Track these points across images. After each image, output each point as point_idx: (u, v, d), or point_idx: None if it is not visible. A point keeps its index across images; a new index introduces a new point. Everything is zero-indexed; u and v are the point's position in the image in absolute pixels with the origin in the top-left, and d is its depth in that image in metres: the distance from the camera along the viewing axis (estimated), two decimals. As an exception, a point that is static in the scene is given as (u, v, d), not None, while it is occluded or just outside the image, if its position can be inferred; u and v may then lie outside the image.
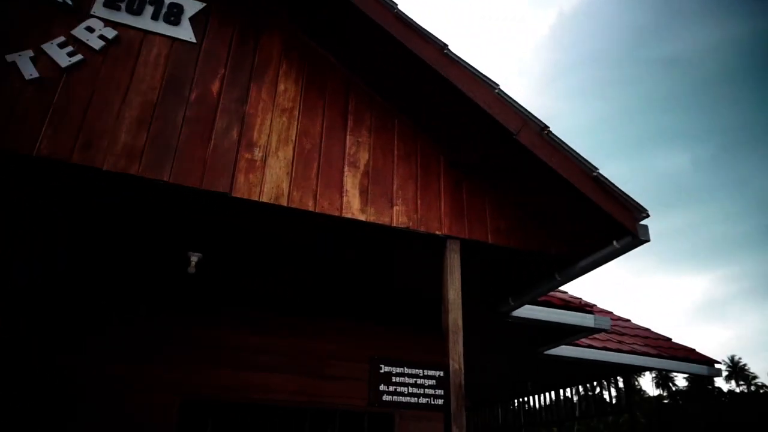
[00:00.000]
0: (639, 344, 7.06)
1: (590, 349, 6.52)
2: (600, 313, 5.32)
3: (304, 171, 3.34)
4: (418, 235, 3.53)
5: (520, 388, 9.35)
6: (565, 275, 3.99)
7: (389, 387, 5.46)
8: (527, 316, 4.82)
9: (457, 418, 3.07)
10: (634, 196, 3.48)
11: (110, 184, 3.29)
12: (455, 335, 3.28)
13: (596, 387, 8.35)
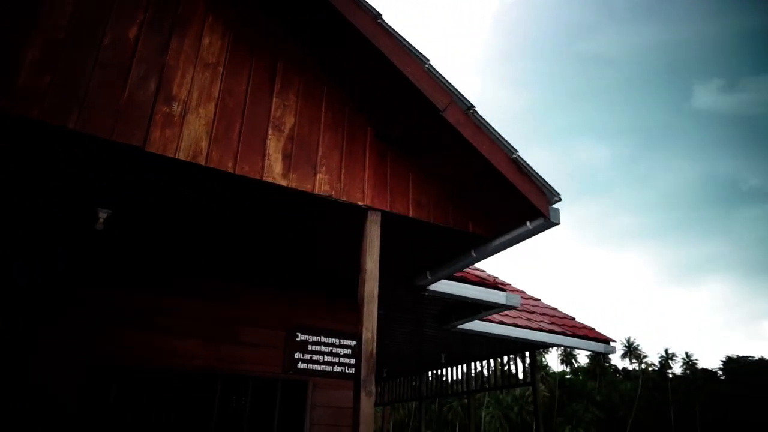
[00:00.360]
0: (546, 322, 7.50)
1: (501, 325, 6.86)
2: (512, 292, 5.58)
3: (226, 131, 3.22)
4: (340, 204, 3.52)
5: (434, 360, 9.69)
6: (481, 252, 4.13)
7: (305, 355, 5.51)
8: (443, 291, 4.98)
9: (366, 384, 3.13)
10: (552, 183, 3.65)
11: (9, 130, 3.02)
12: (370, 305, 3.32)
13: (506, 361, 8.82)
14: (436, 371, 10.52)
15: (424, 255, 4.52)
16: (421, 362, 10.22)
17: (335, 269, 5.08)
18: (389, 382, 12.21)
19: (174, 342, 4.84)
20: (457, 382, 9.85)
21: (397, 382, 11.97)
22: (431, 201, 3.84)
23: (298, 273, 5.35)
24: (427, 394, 10.93)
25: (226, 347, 5.05)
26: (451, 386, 10.08)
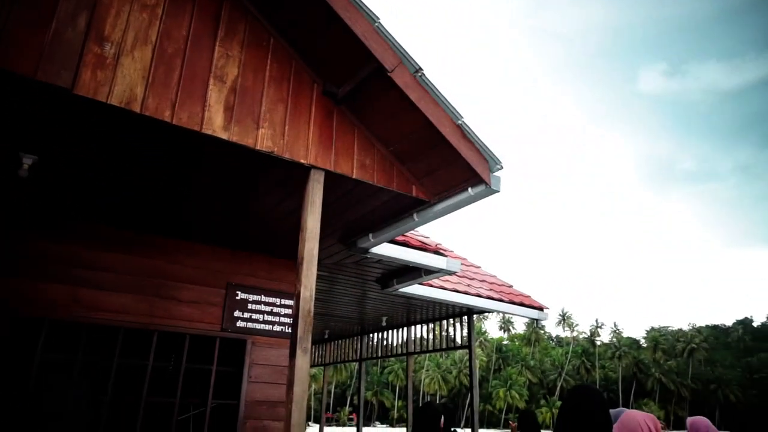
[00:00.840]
0: (485, 289, 7.75)
1: (442, 290, 7.04)
2: (453, 258, 5.70)
3: (164, 78, 3.06)
4: (283, 161, 3.45)
5: (376, 323, 9.87)
6: (423, 217, 4.19)
7: (244, 314, 5.47)
8: (385, 254, 5.03)
9: (302, 341, 3.15)
10: (499, 156, 3.71)
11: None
12: (309, 263, 3.32)
13: (445, 325, 9.10)
14: (377, 333, 10.73)
15: (367, 217, 4.53)
16: (363, 324, 10.39)
17: (277, 228, 5.03)
18: (331, 344, 12.38)
19: (106, 296, 4.70)
20: (397, 344, 10.09)
21: (339, 344, 12.15)
22: (376, 163, 3.83)
23: (238, 231, 5.27)
24: (367, 356, 11.16)
25: (161, 303, 4.94)
26: (391, 348, 10.32)
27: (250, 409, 5.18)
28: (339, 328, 11.11)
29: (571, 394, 2.40)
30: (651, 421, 3.16)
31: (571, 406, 2.33)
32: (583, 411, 2.28)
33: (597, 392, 2.40)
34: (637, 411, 3.25)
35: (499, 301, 7.60)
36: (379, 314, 9.04)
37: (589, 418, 2.25)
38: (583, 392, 2.39)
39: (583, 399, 2.34)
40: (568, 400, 2.38)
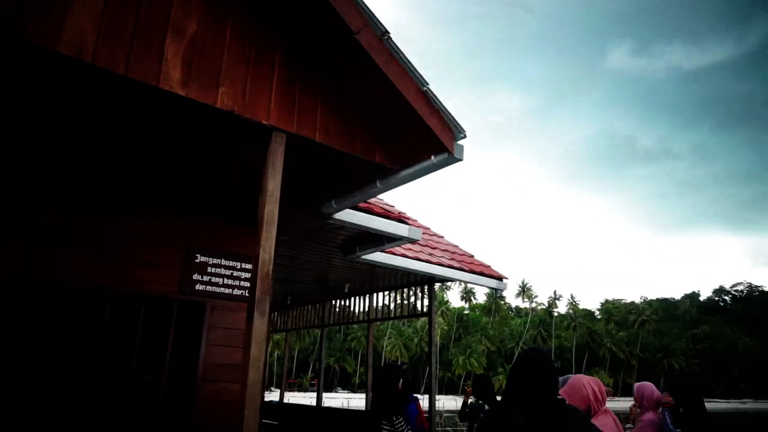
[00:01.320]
0: (446, 258, 7.85)
1: (404, 258, 7.10)
2: (416, 227, 5.74)
3: (118, 27, 2.91)
4: (244, 122, 3.37)
5: (338, 290, 9.93)
6: (386, 183, 4.18)
7: (204, 277, 5.41)
8: (348, 220, 5.02)
9: (260, 304, 3.14)
10: (466, 128, 3.71)
11: None
12: (269, 226, 3.28)
13: (406, 293, 9.22)
14: (340, 300, 10.81)
15: (330, 183, 4.50)
16: (325, 291, 10.44)
17: (239, 192, 4.95)
18: (294, 310, 12.41)
19: (59, 256, 4.55)
20: (359, 311, 10.20)
21: (301, 310, 12.20)
22: (339, 127, 3.78)
23: (198, 193, 5.16)
24: (330, 322, 11.26)
25: (117, 264, 4.83)
26: (353, 315, 10.43)
27: (208, 371, 5.17)
28: (302, 295, 11.13)
29: (521, 357, 2.48)
30: (595, 383, 3.32)
31: (520, 367, 2.41)
32: (531, 371, 2.36)
33: (544, 354, 2.48)
34: (583, 375, 3.40)
35: (460, 270, 7.73)
36: (342, 281, 9.08)
37: (537, 379, 2.33)
38: (531, 354, 2.47)
39: (531, 360, 2.42)
40: (517, 362, 2.46)
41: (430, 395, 8.19)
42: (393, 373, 4.60)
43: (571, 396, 3.26)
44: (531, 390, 2.30)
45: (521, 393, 2.32)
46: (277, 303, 11.94)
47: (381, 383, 4.45)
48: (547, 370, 2.34)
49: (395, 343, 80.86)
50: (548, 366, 2.37)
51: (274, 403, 12.85)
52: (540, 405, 2.25)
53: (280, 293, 10.74)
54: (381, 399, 4.38)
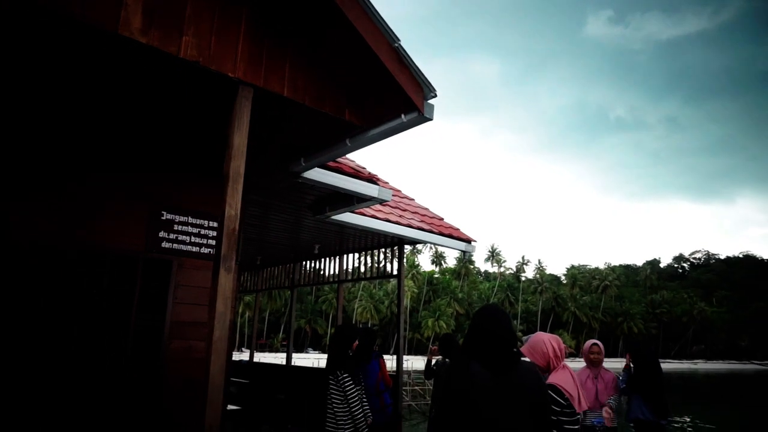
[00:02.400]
0: (416, 220, 7.91)
1: (374, 220, 7.12)
2: (385, 187, 5.74)
3: (72, -32, 2.76)
4: (209, 74, 3.27)
5: (308, 251, 9.94)
6: (356, 142, 4.15)
7: (170, 234, 5.33)
8: (318, 179, 4.98)
9: (226, 260, 3.12)
10: (441, 95, 3.68)
11: None
12: (235, 182, 3.24)
13: (376, 255, 9.29)
14: (310, 261, 10.83)
15: (299, 141, 4.44)
16: (295, 252, 10.44)
17: (206, 150, 4.84)
18: (264, 271, 12.40)
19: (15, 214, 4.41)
20: (329, 272, 10.25)
21: (272, 271, 12.19)
22: (308, 83, 3.70)
23: (165, 150, 5.03)
24: (300, 283, 11.30)
25: (79, 222, 4.71)
26: (324, 276, 10.49)
27: (175, 329, 5.16)
28: (272, 255, 11.10)
29: (479, 313, 2.56)
30: (555, 341, 3.46)
31: (478, 322, 2.49)
32: (488, 325, 2.45)
33: (500, 310, 2.57)
34: (543, 333, 3.53)
35: (430, 233, 7.81)
36: (312, 242, 9.08)
37: (494, 332, 2.42)
38: (488, 310, 2.56)
39: (488, 315, 2.51)
40: (475, 318, 2.54)
41: (397, 355, 8.35)
42: (347, 332, 4.76)
43: (532, 352, 3.40)
44: (489, 342, 2.39)
45: (480, 346, 2.41)
46: (247, 263, 11.90)
47: (333, 340, 4.68)
48: (503, 324, 2.44)
49: (366, 306, 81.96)
50: (504, 320, 2.46)
51: (244, 362, 12.96)
52: (497, 356, 2.35)
53: (250, 254, 10.70)
54: (331, 355, 4.57)
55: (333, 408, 4.38)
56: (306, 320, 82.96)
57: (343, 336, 4.60)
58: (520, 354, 2.44)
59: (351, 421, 4.29)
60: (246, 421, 8.88)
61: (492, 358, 2.36)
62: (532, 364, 2.50)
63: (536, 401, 2.34)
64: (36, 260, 4.48)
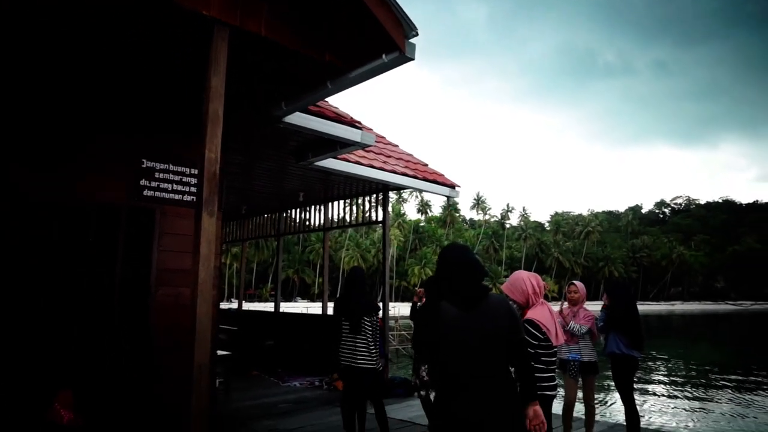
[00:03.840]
0: (400, 166, 7.90)
1: (358, 166, 7.10)
2: (368, 131, 5.67)
3: None
4: (182, 12, 3.14)
5: (293, 199, 9.92)
6: (337, 84, 4.07)
7: (152, 182, 5.25)
8: (300, 124, 4.92)
9: (208, 203, 3.11)
10: (425, 38, 3.58)
11: None
12: (214, 125, 3.18)
13: (361, 201, 9.31)
14: (295, 210, 10.84)
15: (279, 84, 4.35)
16: (281, 201, 10.42)
17: (185, 96, 4.72)
18: (250, 220, 12.40)
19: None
20: (315, 220, 10.29)
21: (257, 220, 12.20)
22: (287, 24, 3.58)
23: (142, 96, 4.90)
24: (286, 231, 11.35)
25: (60, 172, 4.62)
26: (309, 224, 10.53)
27: (161, 277, 5.19)
28: (257, 205, 11.08)
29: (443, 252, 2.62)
30: (534, 278, 3.56)
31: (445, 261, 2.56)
32: (454, 262, 2.52)
33: (464, 247, 2.65)
34: (523, 271, 3.62)
35: (414, 178, 7.82)
36: (297, 190, 9.05)
37: (460, 268, 2.50)
38: (453, 248, 2.63)
39: (453, 253, 2.58)
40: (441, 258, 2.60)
41: (383, 301, 8.52)
42: (362, 272, 5.29)
43: (512, 290, 3.50)
44: (453, 281, 2.47)
45: (445, 285, 2.49)
46: (232, 213, 11.88)
47: (360, 281, 5.06)
48: (466, 259, 2.51)
49: (353, 255, 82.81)
50: (467, 256, 2.53)
51: (233, 311, 13.17)
52: (462, 293, 2.44)
53: (235, 203, 10.66)
54: (361, 295, 4.96)
55: (368, 345, 4.81)
56: (294, 270, 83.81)
57: (364, 276, 5.17)
58: (487, 289, 2.52)
59: (378, 355, 4.95)
60: (236, 366, 9.10)
61: (458, 296, 2.45)
62: (502, 297, 2.58)
63: (503, 326, 2.43)
64: (18, 215, 4.42)
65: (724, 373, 17.79)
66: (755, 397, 13.48)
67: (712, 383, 15.68)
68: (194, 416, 2.82)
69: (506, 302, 2.54)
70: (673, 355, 23.33)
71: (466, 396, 2.35)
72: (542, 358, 3.31)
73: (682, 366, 19.71)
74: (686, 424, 10.37)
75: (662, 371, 18.18)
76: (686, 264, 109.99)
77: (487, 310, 2.43)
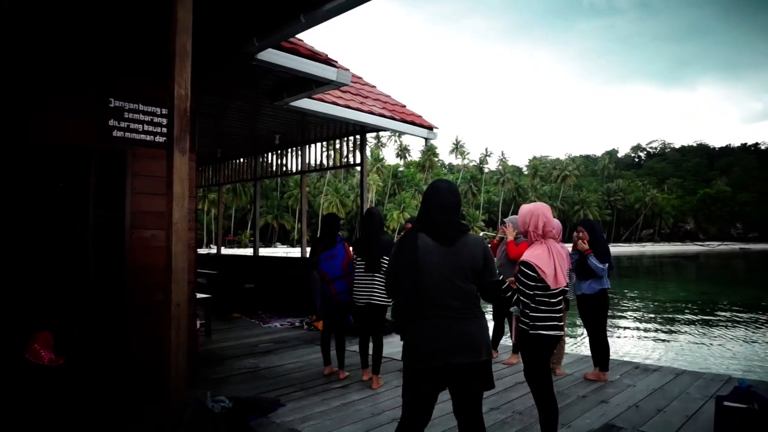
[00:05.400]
0: (378, 107, 7.77)
1: (335, 106, 6.97)
2: (344, 70, 5.52)
3: None
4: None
5: (269, 142, 9.76)
6: (310, 18, 3.93)
7: (121, 123, 5.05)
8: (273, 61, 4.76)
9: (179, 141, 3.05)
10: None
11: None
12: (182, 60, 3.06)
13: (338, 144, 9.20)
14: (272, 153, 10.69)
15: (250, 18, 4.16)
16: (256, 144, 10.25)
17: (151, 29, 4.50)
18: (226, 164, 12.22)
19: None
20: (292, 164, 10.17)
21: (234, 164, 12.03)
22: (255, -52, 3.40)
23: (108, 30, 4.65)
24: (262, 175, 11.22)
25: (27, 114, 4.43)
26: (287, 168, 10.41)
27: (136, 220, 5.12)
28: (233, 148, 10.89)
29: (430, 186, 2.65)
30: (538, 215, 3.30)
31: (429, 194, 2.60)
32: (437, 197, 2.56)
33: (449, 183, 2.68)
34: (543, 204, 3.46)
35: (391, 119, 7.72)
36: (273, 132, 8.89)
37: (442, 202, 2.54)
38: (438, 184, 2.65)
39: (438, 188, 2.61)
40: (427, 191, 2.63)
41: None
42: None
43: (520, 214, 3.47)
44: (432, 213, 2.51)
45: (425, 217, 2.53)
46: (207, 156, 11.67)
47: (378, 221, 5.21)
48: (450, 196, 2.54)
49: (332, 200, 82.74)
50: (451, 192, 2.57)
51: (213, 255, 13.18)
52: (439, 226, 2.49)
53: (210, 146, 10.45)
54: (379, 235, 5.12)
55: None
56: (273, 216, 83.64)
57: (380, 217, 5.34)
58: (466, 228, 2.56)
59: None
60: (217, 309, 9.20)
61: (435, 229, 2.49)
62: (479, 238, 2.62)
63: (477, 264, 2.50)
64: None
65: (689, 309, 18.67)
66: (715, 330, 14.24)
67: (676, 318, 16.46)
68: (173, 350, 2.86)
69: (482, 242, 2.58)
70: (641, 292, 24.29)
71: (434, 322, 2.43)
72: (538, 298, 3.20)
73: (651, 304, 20.58)
74: (651, 355, 10.93)
75: (630, 308, 18.97)
76: (658, 207, 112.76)
77: (463, 247, 2.49)
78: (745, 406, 3.29)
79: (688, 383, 5.22)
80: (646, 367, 6.07)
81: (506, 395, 4.73)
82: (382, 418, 4.19)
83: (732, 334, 13.59)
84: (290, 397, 4.77)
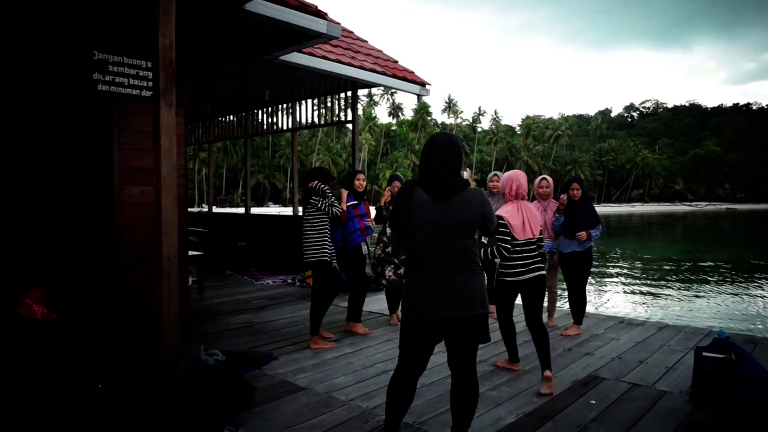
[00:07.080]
0: (369, 62, 7.63)
1: (325, 60, 6.83)
2: (334, 23, 5.37)
3: None
4: None
5: (259, 99, 9.59)
6: (298, -34, 3.79)
7: (105, 76, 4.97)
8: (261, 12, 4.61)
9: (166, 94, 2.98)
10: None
11: None
12: (167, 9, 2.97)
13: (329, 101, 9.07)
14: (262, 110, 10.52)
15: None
16: (246, 100, 10.07)
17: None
18: (216, 121, 12.03)
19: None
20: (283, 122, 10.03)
21: (224, 121, 11.85)
22: None
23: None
24: (253, 132, 11.08)
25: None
26: (278, 125, 10.27)
27: (125, 176, 5.06)
28: (223, 105, 10.71)
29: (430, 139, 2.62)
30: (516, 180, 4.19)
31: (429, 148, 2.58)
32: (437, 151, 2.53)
33: (451, 137, 2.64)
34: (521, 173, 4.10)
35: (383, 75, 7.60)
36: (263, 87, 8.73)
37: (441, 157, 2.51)
38: (440, 137, 2.62)
39: (438, 141, 2.59)
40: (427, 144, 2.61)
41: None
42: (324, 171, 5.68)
43: (502, 179, 4.13)
44: (435, 167, 2.49)
45: (426, 171, 2.52)
46: (196, 113, 11.48)
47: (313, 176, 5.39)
48: (450, 149, 2.51)
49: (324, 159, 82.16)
50: (452, 145, 2.53)
51: (204, 213, 13.14)
52: (436, 181, 2.47)
53: (199, 102, 10.27)
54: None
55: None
56: (264, 175, 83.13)
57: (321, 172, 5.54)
58: (465, 183, 2.54)
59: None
60: (209, 267, 9.25)
61: (430, 184, 2.48)
62: (478, 190, 2.63)
63: (475, 215, 2.51)
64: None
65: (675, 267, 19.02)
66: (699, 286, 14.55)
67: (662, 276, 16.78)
68: (165, 303, 2.89)
69: (480, 197, 2.57)
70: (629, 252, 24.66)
71: (430, 275, 2.46)
72: (503, 246, 3.87)
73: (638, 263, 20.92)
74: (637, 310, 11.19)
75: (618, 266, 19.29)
76: (649, 167, 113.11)
77: (459, 202, 2.48)
78: (723, 356, 3.40)
79: (670, 336, 5.38)
80: (630, 321, 6.22)
81: (495, 348, 4.86)
82: (372, 370, 4.29)
83: (715, 291, 13.92)
84: (283, 350, 4.86)
